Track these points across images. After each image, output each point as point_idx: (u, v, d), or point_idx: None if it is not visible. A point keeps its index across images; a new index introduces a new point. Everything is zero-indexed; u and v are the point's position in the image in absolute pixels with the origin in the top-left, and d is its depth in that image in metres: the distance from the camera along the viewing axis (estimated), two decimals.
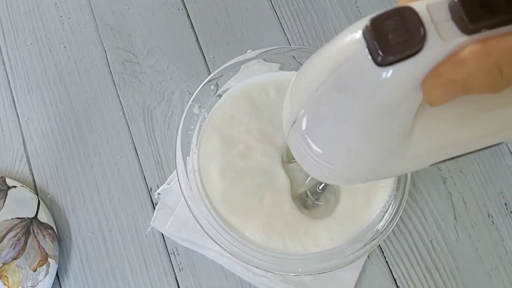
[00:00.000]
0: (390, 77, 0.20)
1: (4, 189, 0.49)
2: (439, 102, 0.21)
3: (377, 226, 0.42)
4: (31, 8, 0.57)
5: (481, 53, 0.19)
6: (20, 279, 0.45)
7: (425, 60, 0.19)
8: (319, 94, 0.23)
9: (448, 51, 0.19)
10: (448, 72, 0.19)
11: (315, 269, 0.41)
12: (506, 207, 0.49)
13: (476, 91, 0.20)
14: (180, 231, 0.47)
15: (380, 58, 0.19)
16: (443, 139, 0.26)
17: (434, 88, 0.20)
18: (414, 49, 0.19)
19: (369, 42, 0.20)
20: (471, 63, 0.19)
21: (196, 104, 0.44)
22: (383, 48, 0.19)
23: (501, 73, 0.19)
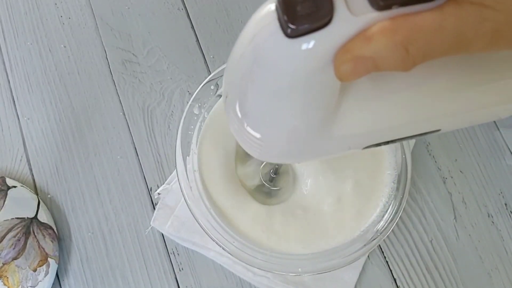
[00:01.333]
0: (300, 49, 0.20)
1: (4, 189, 0.49)
2: (349, 77, 0.21)
3: (377, 226, 0.42)
4: (31, 8, 0.57)
5: (389, 30, 0.19)
6: (20, 279, 0.45)
7: (333, 33, 0.20)
8: (240, 66, 0.24)
9: (358, 26, 0.19)
10: (356, 47, 0.19)
11: (315, 269, 0.41)
12: (506, 207, 0.49)
13: (384, 68, 0.20)
14: (180, 231, 0.47)
15: (288, 30, 0.20)
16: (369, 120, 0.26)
17: (343, 63, 0.20)
18: (322, 21, 0.19)
19: (279, 14, 0.20)
20: (378, 39, 0.19)
21: (196, 104, 0.44)
22: (291, 19, 0.19)
23: (407, 51, 0.19)
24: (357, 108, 0.25)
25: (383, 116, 0.26)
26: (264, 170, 0.45)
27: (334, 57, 0.20)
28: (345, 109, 0.25)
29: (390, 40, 0.19)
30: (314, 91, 0.23)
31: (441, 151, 0.51)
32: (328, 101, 0.24)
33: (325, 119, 0.25)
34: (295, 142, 0.26)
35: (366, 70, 0.20)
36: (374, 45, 0.19)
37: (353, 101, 0.25)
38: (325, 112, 0.25)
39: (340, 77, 0.21)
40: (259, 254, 0.41)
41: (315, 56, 0.20)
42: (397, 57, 0.19)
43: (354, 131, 0.26)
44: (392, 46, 0.19)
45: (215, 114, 0.45)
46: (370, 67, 0.20)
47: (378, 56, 0.19)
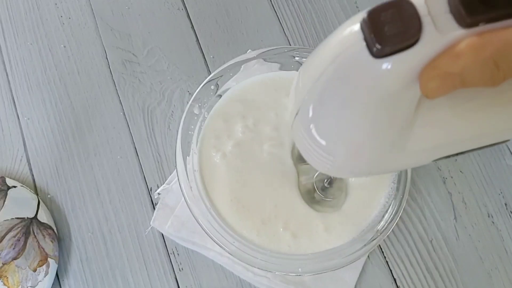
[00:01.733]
0: (386, 69, 0.20)
1: (4, 189, 0.49)
2: (435, 94, 0.21)
3: (377, 226, 0.42)
4: (31, 8, 0.57)
5: (478, 46, 0.19)
6: (20, 279, 0.45)
7: (421, 52, 0.20)
8: (320, 84, 0.23)
9: (445, 43, 0.19)
10: (444, 64, 0.19)
11: (315, 269, 0.41)
12: (506, 207, 0.49)
13: (472, 84, 0.20)
14: (180, 231, 0.47)
15: (375, 50, 0.20)
16: (444, 135, 0.26)
17: (430, 80, 0.20)
18: (410, 41, 0.19)
19: (366, 34, 0.20)
20: (467, 56, 0.19)
21: (196, 104, 0.44)
22: (379, 39, 0.19)
23: (497, 66, 0.19)
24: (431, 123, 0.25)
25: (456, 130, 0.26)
26: (318, 178, 0.44)
27: (421, 74, 0.20)
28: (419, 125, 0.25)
29: (479, 56, 0.19)
30: (396, 109, 0.23)
31: None
32: (406, 118, 0.24)
33: (402, 135, 0.25)
34: (370, 160, 0.26)
35: (453, 87, 0.20)
36: (463, 61, 0.19)
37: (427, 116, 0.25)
38: (403, 129, 0.25)
39: (427, 93, 0.21)
40: (259, 254, 0.41)
41: (401, 76, 0.20)
42: (487, 73, 0.19)
43: (427, 146, 0.26)
44: (481, 61, 0.19)
45: (215, 114, 0.45)
46: (458, 83, 0.20)
47: (466, 73, 0.19)
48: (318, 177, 0.44)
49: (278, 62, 0.46)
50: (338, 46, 0.22)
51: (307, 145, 0.27)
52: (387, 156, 0.26)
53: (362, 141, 0.25)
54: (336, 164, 0.27)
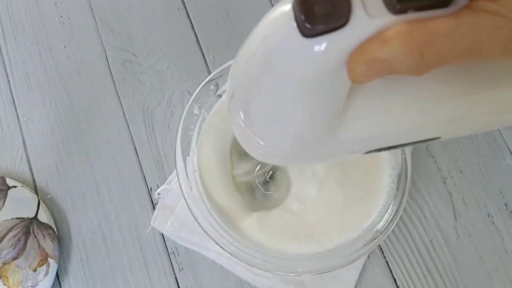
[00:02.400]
0: (315, 49, 0.20)
1: (4, 189, 0.49)
2: (362, 79, 0.21)
3: (377, 226, 0.42)
4: (31, 8, 0.57)
5: (405, 34, 0.19)
6: (20, 279, 0.45)
7: (350, 34, 0.20)
8: (250, 66, 0.23)
9: (374, 28, 0.19)
10: (371, 49, 0.20)
11: (315, 269, 0.41)
12: (506, 207, 0.49)
13: (398, 71, 0.20)
14: (180, 231, 0.47)
15: (304, 29, 0.20)
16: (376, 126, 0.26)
17: (358, 65, 0.20)
18: (339, 22, 0.19)
19: (296, 13, 0.20)
20: (394, 42, 0.19)
21: (196, 104, 0.44)
22: (308, 19, 0.19)
23: (422, 56, 0.19)
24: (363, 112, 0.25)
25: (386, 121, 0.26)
26: (259, 172, 0.45)
27: (349, 58, 0.20)
28: (351, 114, 0.25)
29: (405, 44, 0.19)
30: (325, 93, 0.23)
31: (441, 151, 0.51)
32: (336, 104, 0.24)
33: (332, 122, 0.25)
34: (300, 146, 0.26)
35: (379, 73, 0.20)
36: (390, 48, 0.19)
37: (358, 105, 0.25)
38: (332, 116, 0.25)
39: (354, 78, 0.21)
40: (259, 254, 0.41)
41: (330, 57, 0.21)
42: (412, 61, 0.19)
43: (358, 135, 0.26)
44: (407, 50, 0.19)
45: (215, 114, 0.45)
46: (384, 69, 0.20)
47: (393, 59, 0.20)
48: (259, 172, 0.44)
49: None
50: (268, 26, 0.22)
51: (241, 129, 0.27)
52: (318, 145, 0.26)
53: (293, 128, 0.25)
54: (267, 150, 0.27)
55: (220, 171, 0.44)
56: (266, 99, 0.24)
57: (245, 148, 0.29)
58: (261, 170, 0.45)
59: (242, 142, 0.28)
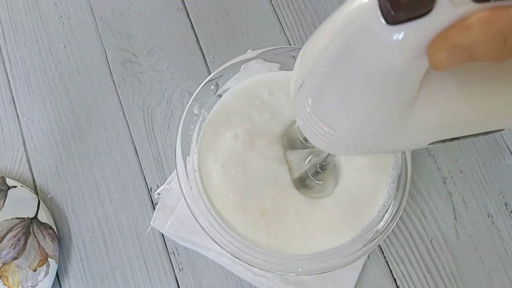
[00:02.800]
0: (398, 37, 0.20)
1: (4, 189, 0.49)
2: (443, 66, 0.21)
3: (377, 226, 0.42)
4: (31, 8, 0.57)
5: (488, 21, 0.19)
6: (20, 279, 0.45)
7: (433, 22, 0.20)
8: (327, 55, 0.24)
9: (457, 16, 0.20)
10: (454, 36, 0.20)
11: (315, 269, 0.41)
12: (506, 207, 0.49)
13: (480, 58, 0.20)
14: (180, 231, 0.47)
15: (390, 16, 0.20)
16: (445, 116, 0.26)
17: (439, 51, 0.20)
18: (424, 9, 0.19)
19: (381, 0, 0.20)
20: (477, 29, 0.19)
21: (196, 104, 0.44)
22: (394, 6, 0.19)
23: (505, 42, 0.19)
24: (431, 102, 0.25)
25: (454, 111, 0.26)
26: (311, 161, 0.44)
27: (430, 45, 0.21)
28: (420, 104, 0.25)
29: (488, 30, 0.19)
30: (402, 81, 0.23)
31: (441, 151, 0.51)
32: (410, 93, 0.24)
33: (402, 111, 0.25)
34: (368, 134, 0.27)
35: (461, 59, 0.20)
36: (472, 34, 0.19)
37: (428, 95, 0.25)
38: (404, 104, 0.25)
39: (435, 65, 0.21)
40: (259, 254, 0.41)
41: (413, 44, 0.21)
42: (494, 47, 0.20)
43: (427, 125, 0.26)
44: (490, 35, 0.19)
45: (215, 113, 0.45)
46: (466, 56, 0.20)
47: (475, 46, 0.20)
48: (310, 164, 0.44)
49: (278, 62, 0.46)
50: (350, 13, 0.22)
51: (309, 119, 0.27)
52: (386, 134, 0.26)
53: (365, 116, 0.25)
54: (335, 140, 0.27)
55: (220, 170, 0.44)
56: (342, 89, 0.24)
57: (311, 139, 0.29)
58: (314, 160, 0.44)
59: (308, 132, 0.28)
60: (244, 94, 0.46)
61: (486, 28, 0.19)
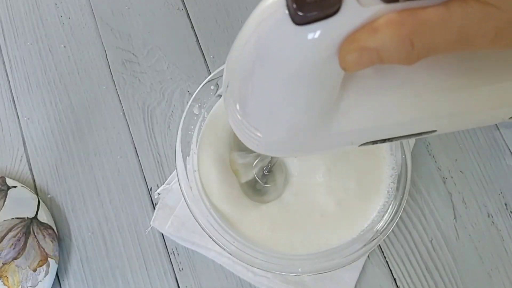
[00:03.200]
0: (306, 36, 0.20)
1: (4, 189, 0.49)
2: (353, 67, 0.21)
3: (377, 226, 0.42)
4: (31, 8, 0.57)
5: (396, 23, 0.19)
6: (20, 279, 0.45)
7: (341, 22, 0.20)
8: (243, 55, 0.23)
9: (365, 17, 0.20)
10: (362, 38, 0.20)
11: (315, 269, 0.41)
12: (506, 207, 0.49)
13: (388, 60, 0.20)
14: (180, 231, 0.47)
15: (296, 16, 0.20)
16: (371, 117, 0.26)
17: (348, 53, 0.20)
18: (331, 9, 0.19)
19: (288, 1, 0.20)
20: (385, 31, 0.19)
21: (196, 104, 0.44)
22: (300, 6, 0.19)
23: (413, 45, 0.19)
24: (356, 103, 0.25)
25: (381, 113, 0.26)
26: (257, 166, 0.45)
27: (340, 46, 0.20)
28: (344, 105, 0.25)
29: (395, 33, 0.19)
30: (318, 82, 0.23)
31: (441, 151, 0.51)
32: (330, 94, 0.24)
33: (326, 113, 0.25)
34: (295, 136, 0.26)
35: (370, 61, 0.20)
36: (380, 36, 0.19)
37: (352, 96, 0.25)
38: (326, 106, 0.25)
39: (345, 66, 0.21)
40: (259, 254, 0.41)
41: (322, 45, 0.21)
42: (402, 50, 0.20)
43: (352, 126, 0.26)
44: (397, 38, 0.19)
45: (215, 114, 0.45)
46: (375, 58, 0.20)
47: (383, 48, 0.20)
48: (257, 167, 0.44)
49: None
50: (260, 14, 0.22)
51: (236, 119, 0.27)
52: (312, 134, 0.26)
53: (287, 116, 0.25)
54: (263, 141, 0.27)
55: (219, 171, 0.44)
56: (259, 89, 0.24)
57: (242, 139, 0.29)
58: (260, 164, 0.44)
59: (238, 133, 0.28)
60: None
61: (393, 31, 0.19)
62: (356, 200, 0.44)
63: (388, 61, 0.20)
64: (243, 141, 0.29)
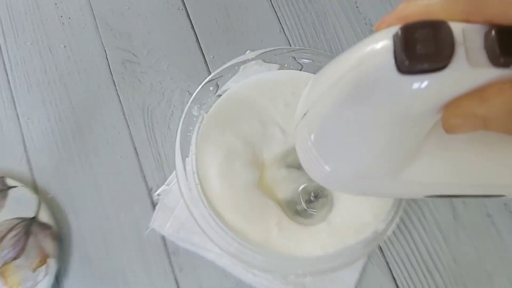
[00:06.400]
0: (408, 86, 0.20)
1: (4, 189, 0.49)
2: (456, 131, 0.21)
3: (378, 227, 0.42)
4: (31, 8, 0.57)
5: (507, 95, 0.19)
6: (20, 279, 0.46)
7: (447, 79, 0.19)
8: (335, 90, 0.23)
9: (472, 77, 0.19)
10: (470, 104, 0.19)
11: (315, 271, 0.41)
12: (506, 207, 0.49)
13: (494, 129, 0.20)
14: (180, 233, 0.47)
15: (402, 65, 0.19)
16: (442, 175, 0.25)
17: (454, 117, 0.20)
18: (440, 64, 0.19)
19: (396, 46, 0.20)
20: (495, 102, 0.19)
21: (195, 105, 0.44)
22: (409, 55, 0.19)
23: None
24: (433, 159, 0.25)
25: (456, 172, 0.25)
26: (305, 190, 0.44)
27: (445, 108, 0.20)
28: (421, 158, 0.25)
29: (506, 105, 0.19)
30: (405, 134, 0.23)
31: None
32: (411, 147, 0.24)
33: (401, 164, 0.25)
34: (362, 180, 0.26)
35: (475, 128, 0.20)
36: (489, 106, 0.19)
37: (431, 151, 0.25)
38: (403, 158, 0.24)
39: (448, 129, 0.21)
40: (258, 255, 0.41)
41: (421, 97, 0.20)
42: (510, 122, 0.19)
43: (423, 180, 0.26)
44: (507, 111, 0.19)
45: (213, 114, 0.45)
46: (480, 125, 0.20)
47: (491, 118, 0.19)
48: (305, 189, 0.44)
49: (278, 63, 0.46)
50: (364, 54, 0.22)
51: (307, 149, 0.26)
52: (380, 180, 0.26)
53: (360, 158, 0.25)
54: (329, 175, 0.27)
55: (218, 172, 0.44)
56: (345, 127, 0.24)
57: (306, 168, 0.28)
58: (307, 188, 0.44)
59: (304, 162, 0.28)
60: (239, 96, 0.45)
61: (504, 103, 0.19)
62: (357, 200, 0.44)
63: (493, 130, 0.20)
64: (305, 168, 0.29)
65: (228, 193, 0.43)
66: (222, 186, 0.43)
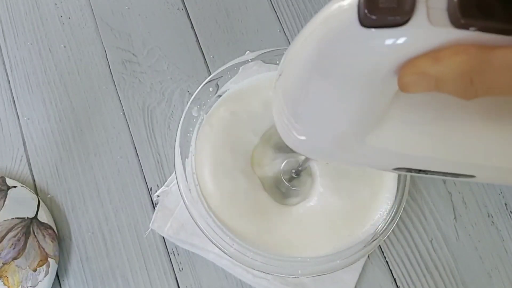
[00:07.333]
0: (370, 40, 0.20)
1: (4, 189, 0.49)
2: (409, 89, 0.21)
3: (377, 227, 0.42)
4: (31, 8, 0.57)
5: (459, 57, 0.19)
6: (20, 279, 0.46)
7: (407, 34, 0.20)
8: (305, 47, 0.24)
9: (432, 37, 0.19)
10: (424, 63, 0.20)
11: (315, 271, 0.41)
12: (506, 207, 0.49)
13: (445, 91, 0.20)
14: (179, 233, 0.47)
15: (365, 19, 0.20)
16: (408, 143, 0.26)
17: (408, 75, 0.20)
18: (399, 19, 0.19)
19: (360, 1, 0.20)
20: (447, 63, 0.19)
21: (195, 106, 0.44)
22: (370, 9, 0.19)
23: (472, 82, 0.19)
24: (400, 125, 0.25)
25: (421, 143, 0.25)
26: (286, 168, 0.45)
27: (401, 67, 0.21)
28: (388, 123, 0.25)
29: (457, 67, 0.19)
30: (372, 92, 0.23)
31: None
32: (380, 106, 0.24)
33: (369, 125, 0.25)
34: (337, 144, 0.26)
35: (427, 88, 0.20)
36: (441, 67, 0.19)
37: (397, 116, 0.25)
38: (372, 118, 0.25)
39: (401, 86, 0.21)
40: (258, 256, 0.41)
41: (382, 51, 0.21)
42: (460, 85, 0.19)
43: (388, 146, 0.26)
44: (457, 73, 0.19)
45: (212, 115, 0.45)
46: (432, 86, 0.20)
47: (442, 78, 0.20)
48: (285, 168, 0.45)
49: (277, 63, 0.46)
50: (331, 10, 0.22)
51: (280, 110, 0.27)
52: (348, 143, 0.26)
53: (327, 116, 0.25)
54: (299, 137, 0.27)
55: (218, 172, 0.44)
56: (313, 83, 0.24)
57: (280, 132, 0.29)
58: (288, 167, 0.45)
59: (278, 125, 0.29)
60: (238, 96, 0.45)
61: (455, 65, 0.19)
62: (357, 200, 0.44)
63: (445, 91, 0.20)
64: (280, 133, 0.29)
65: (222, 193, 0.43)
66: (217, 187, 0.43)
